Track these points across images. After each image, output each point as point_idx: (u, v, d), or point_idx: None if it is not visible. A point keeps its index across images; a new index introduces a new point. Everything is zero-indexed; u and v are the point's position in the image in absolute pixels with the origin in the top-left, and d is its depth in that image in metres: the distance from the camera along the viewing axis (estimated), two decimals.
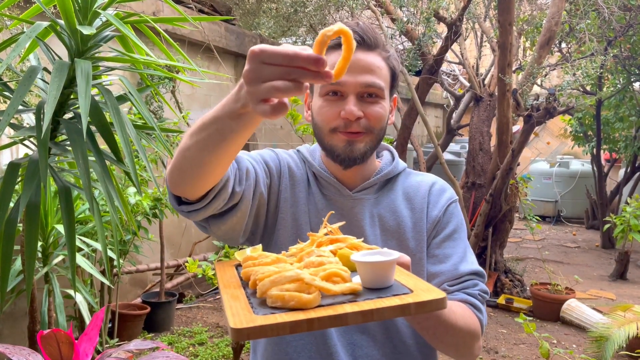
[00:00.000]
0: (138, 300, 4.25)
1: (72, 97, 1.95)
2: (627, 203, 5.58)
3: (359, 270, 0.79)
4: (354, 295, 0.76)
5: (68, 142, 1.88)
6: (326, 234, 0.96)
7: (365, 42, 1.06)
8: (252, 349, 1.24)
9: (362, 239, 0.95)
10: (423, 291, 0.75)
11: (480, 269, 1.13)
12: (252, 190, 1.03)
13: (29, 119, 2.13)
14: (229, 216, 1.01)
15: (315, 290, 0.74)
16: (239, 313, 0.73)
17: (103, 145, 1.92)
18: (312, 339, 1.10)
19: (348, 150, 1.07)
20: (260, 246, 1.01)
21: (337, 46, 0.99)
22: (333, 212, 1.10)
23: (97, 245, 2.75)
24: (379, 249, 0.87)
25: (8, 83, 1.96)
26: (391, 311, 0.72)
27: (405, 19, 5.07)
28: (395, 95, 1.18)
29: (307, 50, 0.66)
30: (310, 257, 0.86)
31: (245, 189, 1.01)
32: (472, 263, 1.12)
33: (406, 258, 0.91)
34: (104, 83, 1.97)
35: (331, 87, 1.06)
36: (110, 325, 3.58)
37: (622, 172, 8.44)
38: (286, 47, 0.66)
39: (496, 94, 5.01)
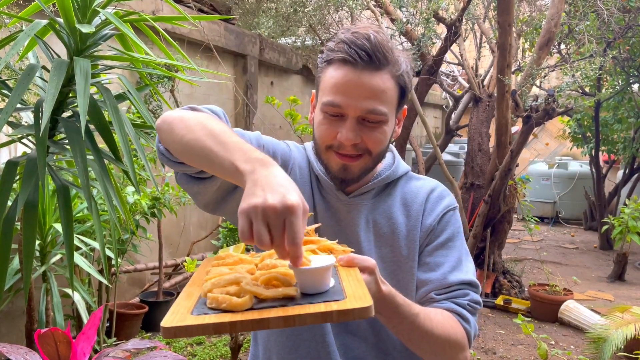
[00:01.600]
0: (136, 300, 4.24)
1: (70, 95, 1.94)
2: (625, 204, 5.58)
3: (295, 276, 0.81)
4: (287, 300, 0.78)
5: (66, 141, 1.88)
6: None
7: (373, 61, 0.99)
8: (252, 337, 1.24)
9: (337, 240, 0.94)
10: (355, 299, 0.76)
11: (474, 279, 1.10)
12: None
13: (27, 117, 2.12)
14: (196, 184, 1.03)
15: (247, 293, 0.77)
16: (178, 312, 0.76)
17: (102, 144, 1.92)
18: (310, 336, 1.10)
19: (342, 173, 1.06)
20: (242, 245, 1.00)
21: (344, 62, 1.00)
22: (311, 214, 1.05)
23: (95, 244, 2.75)
24: (329, 255, 0.89)
25: (7, 81, 1.95)
26: (313, 317, 0.74)
27: (404, 20, 5.07)
28: (405, 107, 1.13)
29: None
30: (271, 259, 0.89)
31: None
32: (465, 273, 1.09)
33: (370, 262, 0.88)
34: (102, 82, 1.97)
35: (332, 109, 1.02)
36: (108, 324, 3.57)
37: (620, 173, 8.45)
38: (302, 234, 0.75)
39: (495, 94, 5.01)
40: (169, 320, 0.73)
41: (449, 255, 1.10)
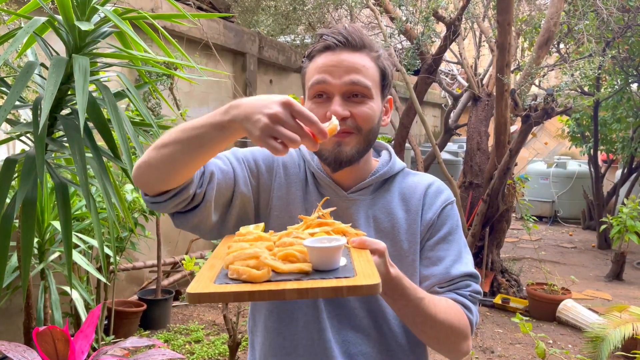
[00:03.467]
0: (134, 298, 4.24)
1: (69, 93, 1.94)
2: (623, 204, 5.59)
3: (309, 254, 0.88)
4: (302, 275, 0.84)
5: (65, 139, 1.88)
6: (318, 218, 1.02)
7: (350, 43, 1.07)
8: (250, 343, 1.24)
9: (350, 224, 1.01)
10: (365, 276, 0.82)
11: (474, 270, 1.13)
12: (213, 193, 1.04)
13: (26, 114, 2.12)
14: (192, 215, 1.04)
15: (265, 267, 0.83)
16: (201, 280, 0.84)
17: (100, 142, 1.91)
18: (308, 334, 1.10)
19: (336, 151, 1.07)
20: (262, 224, 1.05)
21: (324, 49, 1.08)
22: (328, 197, 1.11)
23: (94, 242, 2.75)
24: (341, 236, 0.94)
25: (5, 78, 1.95)
26: (324, 291, 0.80)
27: (404, 18, 5.06)
28: (390, 97, 1.17)
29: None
30: (288, 237, 0.95)
31: (206, 192, 1.03)
32: (466, 265, 1.12)
33: (381, 245, 0.93)
34: (101, 79, 1.96)
35: (317, 88, 1.06)
36: (106, 322, 3.57)
37: (619, 173, 8.46)
38: (309, 111, 0.85)
39: (494, 94, 5.01)
40: (193, 287, 0.81)
41: (450, 249, 1.13)
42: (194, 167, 0.95)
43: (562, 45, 6.62)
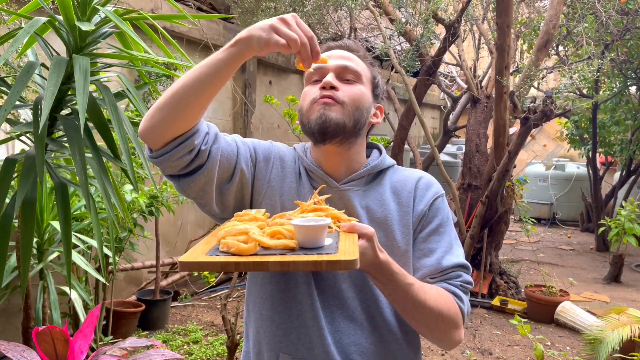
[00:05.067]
0: (133, 298, 4.24)
1: (69, 93, 1.94)
2: (622, 206, 5.60)
3: (295, 232, 0.93)
4: (287, 250, 0.90)
5: (65, 139, 1.88)
6: (314, 204, 1.06)
7: (347, 45, 1.21)
8: (245, 335, 1.25)
9: (344, 211, 1.06)
10: (345, 254, 0.87)
11: (465, 261, 1.16)
12: (219, 154, 1.10)
13: (26, 114, 2.12)
14: (197, 175, 1.08)
15: (252, 241, 0.89)
16: (194, 252, 0.91)
17: (100, 142, 1.92)
18: (302, 322, 1.11)
19: (323, 118, 1.12)
20: (263, 210, 1.09)
21: (324, 50, 1.21)
22: (324, 185, 1.15)
23: (93, 242, 2.75)
24: (327, 218, 0.99)
25: (5, 78, 1.95)
26: (305, 264, 0.85)
27: (403, 20, 5.07)
28: (380, 105, 1.25)
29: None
30: (281, 219, 1.01)
31: (211, 150, 1.08)
32: (457, 256, 1.16)
33: (369, 229, 0.97)
34: (102, 80, 1.97)
35: (313, 74, 1.17)
36: (104, 322, 3.57)
37: (617, 175, 8.47)
38: (307, 28, 0.97)
39: (493, 96, 5.02)
40: (185, 257, 0.89)
41: (441, 240, 1.16)
42: (205, 98, 1.02)
43: (561, 48, 6.63)
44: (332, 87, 1.13)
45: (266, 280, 1.16)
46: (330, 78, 1.14)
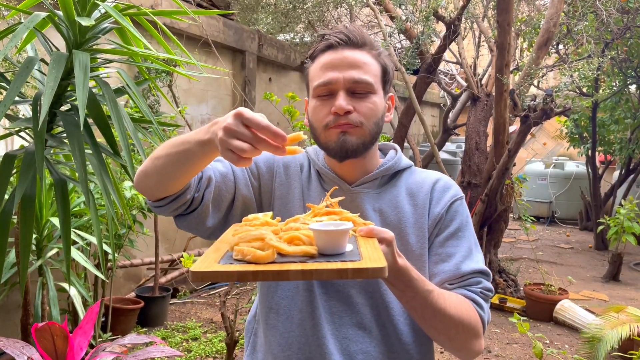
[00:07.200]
0: (132, 295, 4.23)
1: (69, 89, 1.93)
2: (621, 205, 5.60)
3: (314, 237, 0.86)
4: (307, 257, 0.83)
5: (64, 135, 1.87)
6: (326, 207, 1.01)
7: (351, 41, 1.10)
8: (251, 346, 1.23)
9: (358, 214, 0.99)
10: (371, 260, 0.80)
11: (485, 268, 1.11)
12: (211, 197, 1.09)
13: (25, 110, 2.11)
14: (191, 217, 1.09)
15: (270, 248, 0.82)
16: (206, 260, 0.84)
17: (100, 138, 1.91)
18: (302, 330, 1.09)
19: (341, 141, 1.08)
20: (271, 213, 1.05)
21: (326, 48, 1.10)
22: (336, 187, 1.11)
23: (92, 239, 2.74)
24: (347, 222, 0.93)
25: (5, 74, 1.94)
26: (329, 273, 0.79)
27: (404, 18, 5.06)
28: (391, 94, 1.19)
29: (275, 127, 0.84)
30: (295, 223, 0.95)
31: (204, 195, 1.07)
32: (477, 262, 1.10)
33: (389, 234, 0.92)
34: (101, 75, 1.96)
35: (322, 89, 1.09)
36: (103, 319, 3.56)
37: (616, 174, 8.47)
38: (261, 118, 0.84)
39: (493, 94, 5.01)
40: (197, 266, 0.80)
41: (460, 245, 1.11)
42: (185, 178, 1.00)
43: (561, 46, 6.62)
44: (347, 112, 1.06)
45: (272, 288, 1.15)
46: (342, 102, 1.06)
